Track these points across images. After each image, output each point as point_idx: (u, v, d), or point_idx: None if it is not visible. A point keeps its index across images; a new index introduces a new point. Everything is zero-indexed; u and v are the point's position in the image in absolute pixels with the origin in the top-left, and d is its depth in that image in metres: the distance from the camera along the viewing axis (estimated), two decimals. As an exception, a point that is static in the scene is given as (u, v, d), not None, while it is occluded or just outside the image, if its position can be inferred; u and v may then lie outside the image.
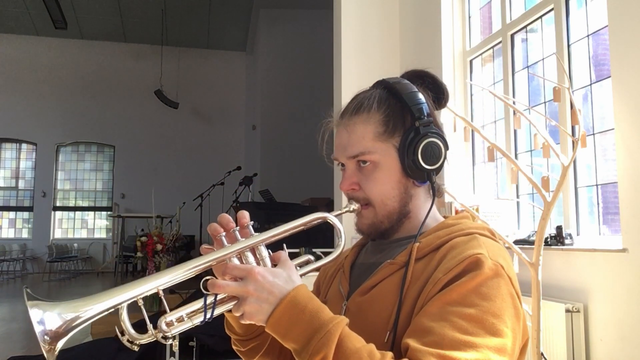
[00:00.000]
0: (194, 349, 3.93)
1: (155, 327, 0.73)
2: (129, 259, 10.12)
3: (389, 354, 0.70)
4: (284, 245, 0.85)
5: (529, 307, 2.11)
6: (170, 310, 0.76)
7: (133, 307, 0.74)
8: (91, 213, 14.24)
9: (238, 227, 0.83)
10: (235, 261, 0.79)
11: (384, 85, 0.92)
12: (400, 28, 4.30)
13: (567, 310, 2.31)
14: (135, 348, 0.72)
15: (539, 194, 2.22)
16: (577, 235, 2.59)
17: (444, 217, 0.95)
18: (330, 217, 0.87)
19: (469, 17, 3.73)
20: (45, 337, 0.63)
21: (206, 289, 0.75)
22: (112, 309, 0.72)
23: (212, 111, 13.80)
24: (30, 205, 13.64)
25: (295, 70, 10.08)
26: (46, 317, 0.64)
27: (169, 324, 0.74)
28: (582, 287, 2.36)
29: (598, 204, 2.61)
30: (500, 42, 3.37)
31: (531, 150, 3.05)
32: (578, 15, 2.76)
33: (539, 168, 2.69)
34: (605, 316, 2.25)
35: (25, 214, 13.80)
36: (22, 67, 13.33)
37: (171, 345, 3.86)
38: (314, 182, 7.10)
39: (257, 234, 0.82)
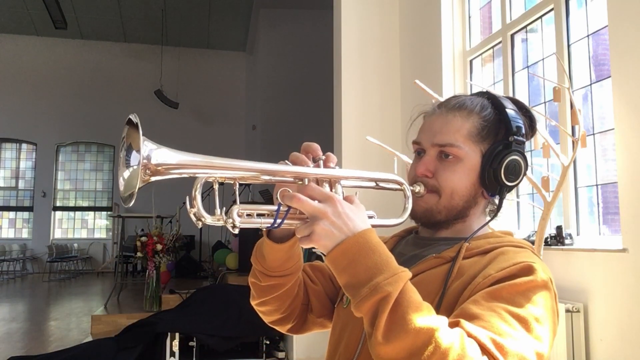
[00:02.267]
0: (194, 349, 3.93)
1: (227, 213, 0.73)
2: (129, 259, 10.09)
3: (445, 318, 0.70)
4: (357, 192, 0.84)
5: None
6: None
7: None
8: (91, 213, 14.25)
9: (322, 158, 0.80)
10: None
11: (488, 96, 0.94)
12: (400, 28, 4.29)
13: (567, 310, 2.31)
14: (199, 225, 0.73)
15: (539, 194, 2.22)
16: (577, 235, 2.58)
17: None
18: (404, 182, 0.88)
19: (469, 17, 3.73)
20: (147, 170, 0.69)
21: (273, 200, 0.74)
22: (200, 172, 0.76)
23: (212, 111, 13.79)
24: (30, 205, 13.64)
25: (295, 70, 10.08)
26: (155, 153, 0.71)
27: (240, 215, 0.73)
28: (582, 287, 2.36)
29: (598, 204, 2.61)
30: (500, 42, 3.37)
31: (531, 150, 3.04)
32: (578, 15, 2.76)
33: (539, 168, 2.69)
34: (605, 316, 2.25)
35: (25, 214, 13.80)
36: (22, 67, 13.33)
37: (171, 345, 3.86)
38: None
39: (335, 168, 0.80)
